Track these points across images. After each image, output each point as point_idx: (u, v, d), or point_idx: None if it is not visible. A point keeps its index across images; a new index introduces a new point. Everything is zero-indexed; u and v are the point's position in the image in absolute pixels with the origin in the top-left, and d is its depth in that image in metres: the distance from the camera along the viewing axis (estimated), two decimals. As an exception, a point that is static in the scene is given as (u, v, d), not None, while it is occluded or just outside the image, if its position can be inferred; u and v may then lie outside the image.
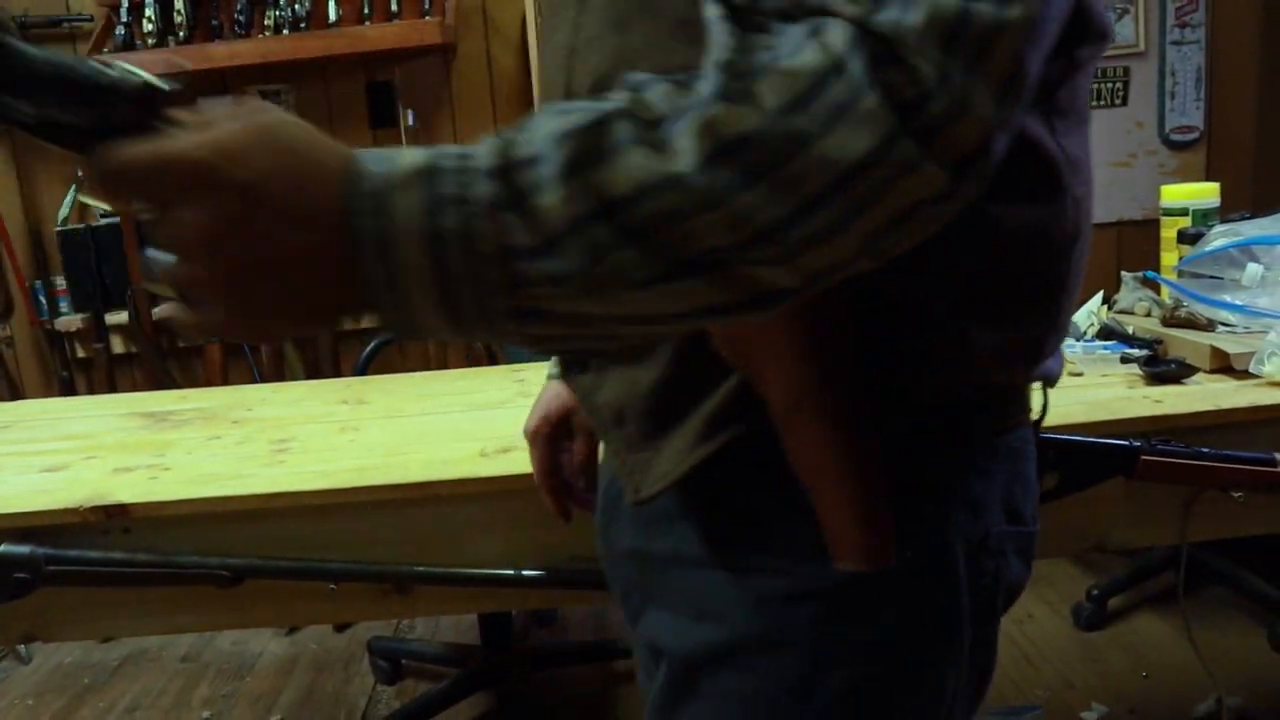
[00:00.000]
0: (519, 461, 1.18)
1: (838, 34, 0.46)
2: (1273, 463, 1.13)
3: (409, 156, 0.50)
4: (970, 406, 0.68)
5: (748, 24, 0.49)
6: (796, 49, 0.47)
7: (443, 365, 2.89)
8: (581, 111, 0.49)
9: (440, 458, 1.22)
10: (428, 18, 2.70)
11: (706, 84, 0.48)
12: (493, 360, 2.78)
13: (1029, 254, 0.65)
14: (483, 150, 0.49)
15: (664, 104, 0.48)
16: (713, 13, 0.51)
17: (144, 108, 0.51)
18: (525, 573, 1.15)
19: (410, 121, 2.81)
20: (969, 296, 0.64)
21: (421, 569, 1.16)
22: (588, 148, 0.48)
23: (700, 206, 0.47)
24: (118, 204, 0.52)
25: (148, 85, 0.51)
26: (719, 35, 0.49)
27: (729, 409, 0.65)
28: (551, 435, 0.93)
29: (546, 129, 0.49)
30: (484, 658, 2.21)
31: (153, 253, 0.51)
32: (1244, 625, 2.29)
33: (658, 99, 0.48)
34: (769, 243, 0.47)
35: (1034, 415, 0.74)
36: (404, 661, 2.37)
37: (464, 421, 1.38)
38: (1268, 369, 1.28)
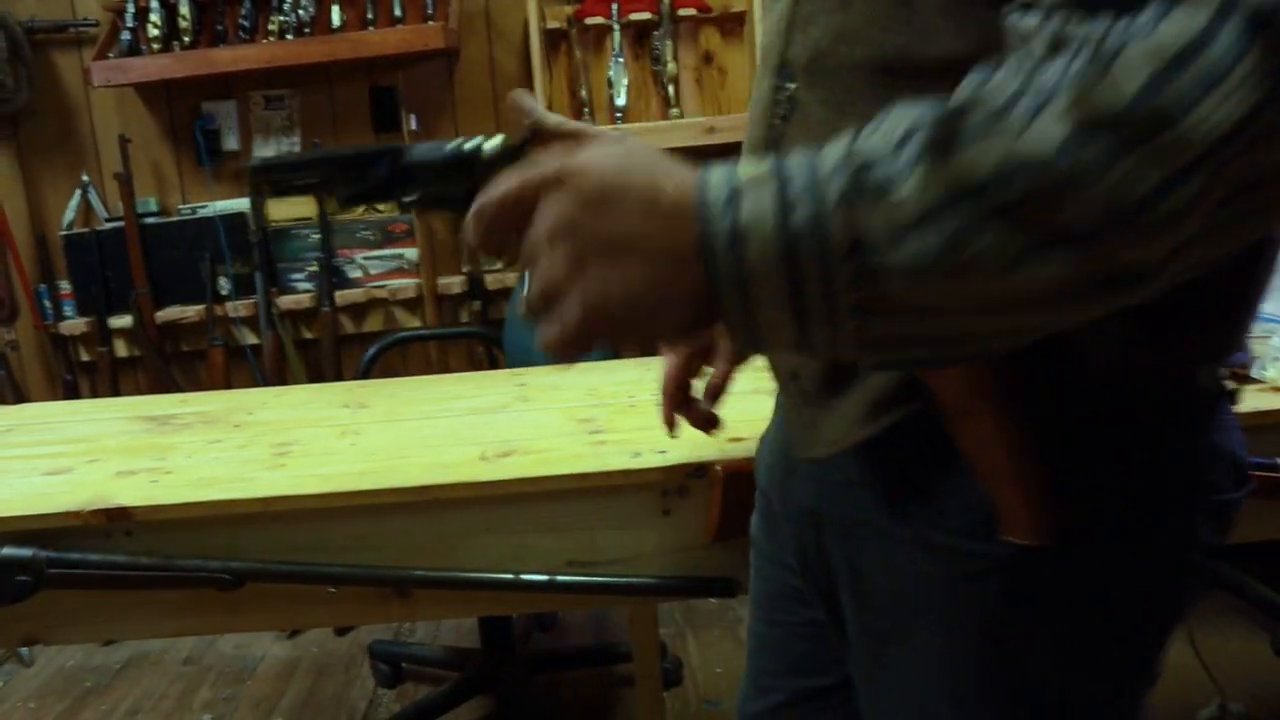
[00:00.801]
0: (519, 466, 1.19)
1: (1203, 7, 0.46)
2: (1275, 468, 1.12)
3: (754, 164, 0.52)
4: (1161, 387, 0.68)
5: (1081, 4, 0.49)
6: (1155, 20, 0.46)
7: (444, 370, 2.90)
8: (930, 105, 0.50)
9: (441, 462, 1.23)
10: (430, 22, 2.71)
11: (1062, 61, 0.47)
12: (493, 365, 2.79)
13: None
14: (830, 152, 0.51)
15: (1016, 86, 0.48)
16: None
17: (507, 163, 0.58)
18: (525, 576, 1.15)
19: (413, 126, 2.82)
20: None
21: (422, 572, 1.16)
22: (943, 134, 0.48)
23: (1067, 183, 0.47)
24: (494, 247, 0.57)
25: (506, 144, 0.60)
26: (1058, 15, 0.49)
27: (900, 388, 0.68)
28: (692, 350, 0.91)
29: (895, 123, 0.50)
30: (484, 661, 2.22)
31: (524, 294, 0.56)
32: (1247, 630, 2.29)
33: (1007, 82, 0.48)
34: (1137, 216, 0.47)
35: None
36: (404, 665, 2.38)
37: (464, 426, 1.39)
38: (1270, 374, 1.28)
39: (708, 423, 0.93)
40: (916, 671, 0.74)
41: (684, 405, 0.93)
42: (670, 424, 0.94)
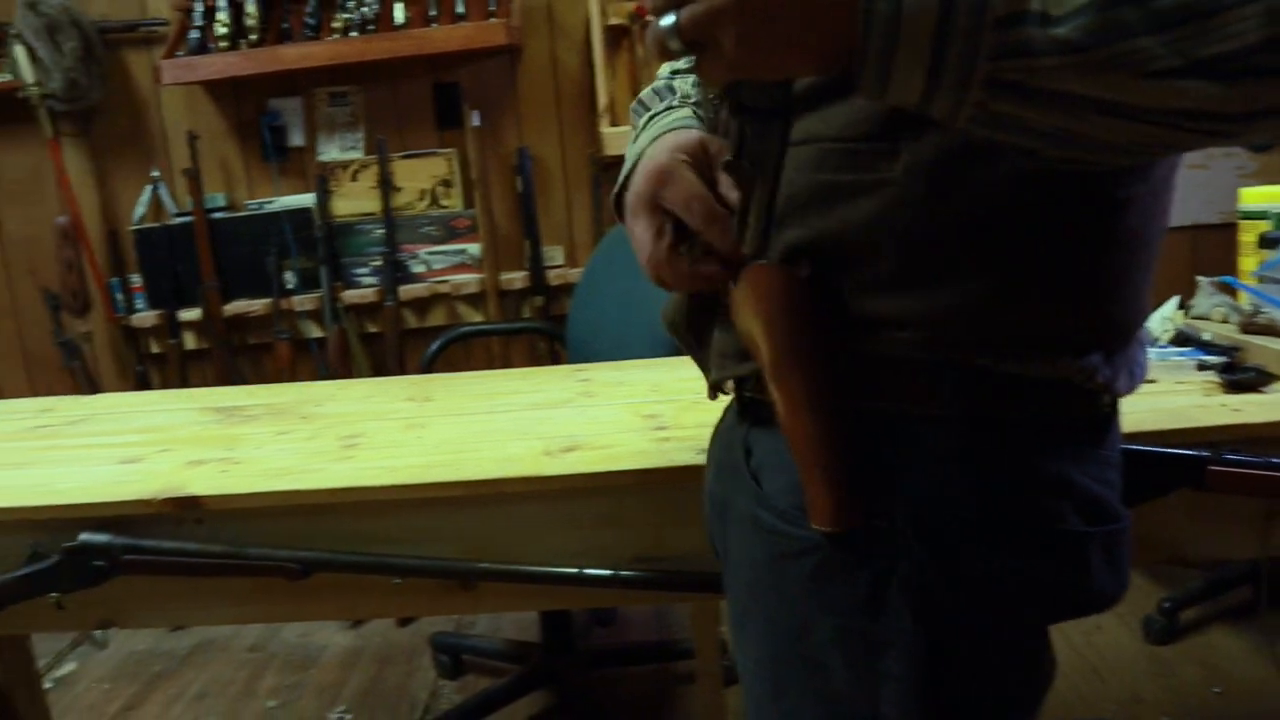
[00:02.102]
0: (583, 461, 1.19)
1: None
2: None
3: None
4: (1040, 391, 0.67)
5: None
6: None
7: (505, 365, 2.91)
8: None
9: (505, 456, 1.23)
10: (493, 19, 2.72)
11: None
12: (555, 360, 2.80)
13: (1134, 229, 0.66)
14: None
15: None
16: None
17: None
18: (588, 571, 1.15)
19: (475, 122, 2.83)
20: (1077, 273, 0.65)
21: (485, 566, 1.17)
22: None
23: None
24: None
25: None
26: None
27: (739, 349, 0.72)
28: (694, 165, 0.73)
29: None
30: (545, 655, 2.23)
31: (661, 20, 0.56)
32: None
33: None
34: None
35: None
36: (465, 657, 2.40)
37: (528, 420, 1.39)
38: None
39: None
40: (750, 657, 0.75)
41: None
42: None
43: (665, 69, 0.94)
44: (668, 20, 0.56)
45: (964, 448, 0.66)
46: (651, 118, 0.85)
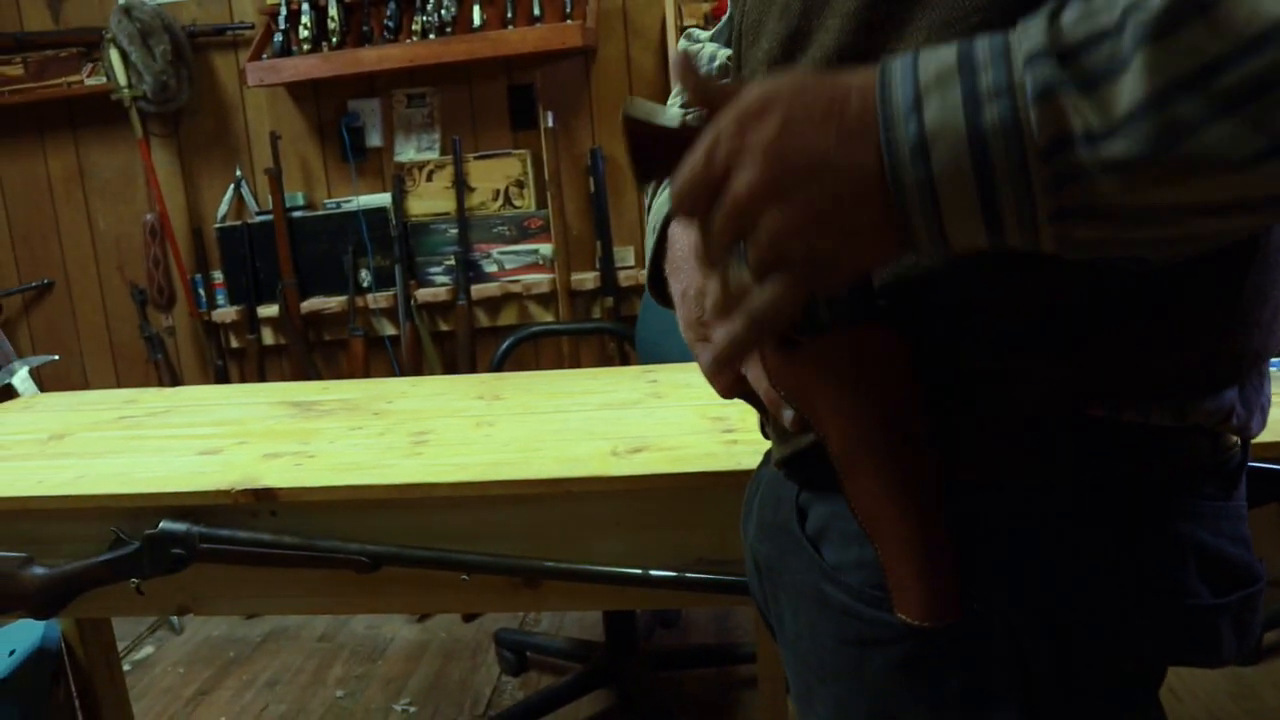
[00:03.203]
0: (650, 462, 1.19)
1: None
2: None
3: (938, 56, 0.47)
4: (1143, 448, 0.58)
5: None
6: None
7: (575, 365, 2.93)
8: None
9: (572, 455, 1.24)
10: (569, 21, 2.74)
11: None
12: (624, 361, 2.80)
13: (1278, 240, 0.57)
14: (1027, 33, 0.45)
15: None
16: None
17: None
18: (654, 573, 1.15)
19: (550, 123, 2.85)
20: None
21: (551, 564, 1.17)
22: (1176, 8, 0.41)
23: None
24: (704, 211, 0.53)
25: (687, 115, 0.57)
26: None
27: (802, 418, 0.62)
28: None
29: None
30: (607, 655, 2.23)
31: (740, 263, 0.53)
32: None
33: None
34: None
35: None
36: (528, 654, 2.41)
37: (596, 420, 1.39)
38: None
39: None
40: None
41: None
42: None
43: (683, 44, 0.88)
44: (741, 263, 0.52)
45: (1076, 516, 0.58)
46: None
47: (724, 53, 0.82)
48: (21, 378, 2.12)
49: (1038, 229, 0.46)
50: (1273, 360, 0.63)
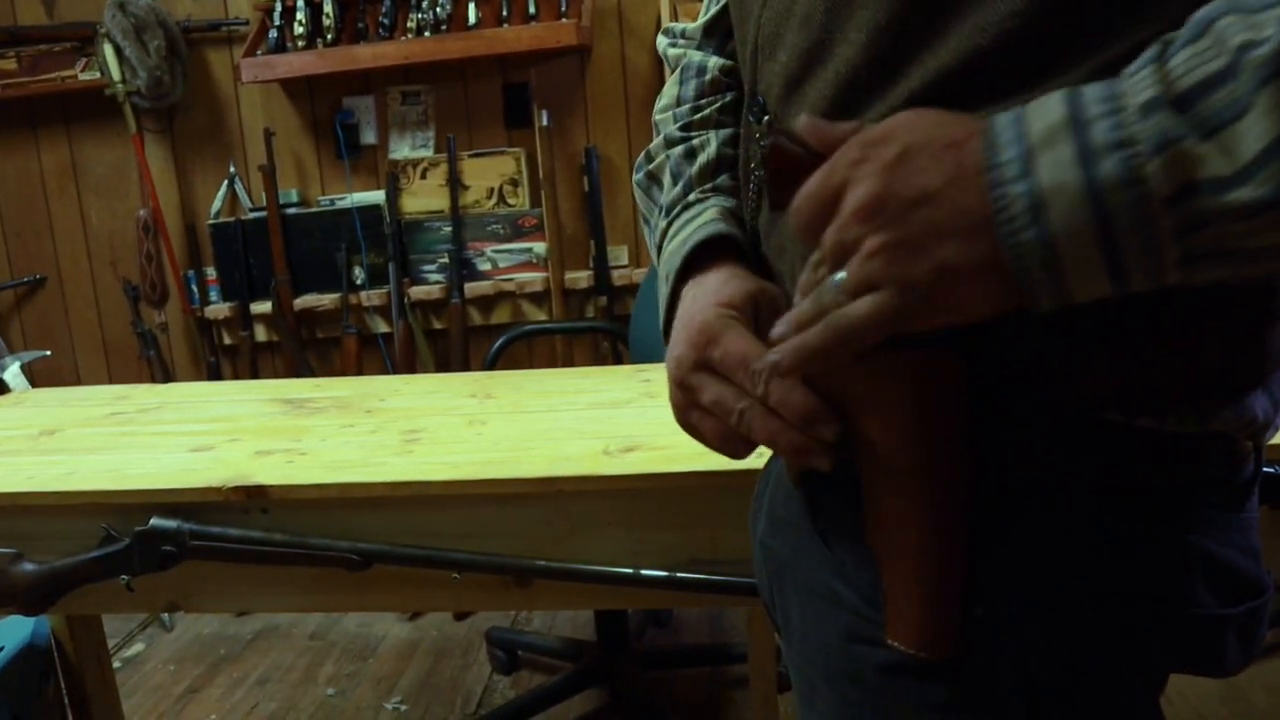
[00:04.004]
0: (642, 461, 1.19)
1: None
2: None
3: (1044, 113, 0.47)
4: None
5: None
6: None
7: (568, 364, 2.93)
8: (1269, 6, 0.42)
9: (564, 454, 1.24)
10: (564, 20, 2.74)
11: None
12: (617, 360, 2.80)
13: None
14: (1137, 82, 0.45)
15: None
16: None
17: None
18: (645, 572, 1.15)
19: (544, 122, 2.85)
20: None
21: (542, 563, 1.17)
22: None
23: None
24: (812, 228, 0.53)
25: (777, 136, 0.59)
26: None
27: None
28: (741, 319, 0.67)
29: (1219, 38, 0.43)
30: (599, 654, 2.23)
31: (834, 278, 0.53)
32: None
33: None
34: None
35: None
36: (520, 653, 2.41)
37: (588, 419, 1.39)
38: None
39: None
40: None
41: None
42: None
43: (663, 42, 0.87)
44: (838, 276, 0.52)
45: (1086, 524, 0.57)
46: (671, 215, 0.76)
47: (714, 62, 0.80)
48: (13, 373, 2.11)
49: (1164, 276, 0.46)
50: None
